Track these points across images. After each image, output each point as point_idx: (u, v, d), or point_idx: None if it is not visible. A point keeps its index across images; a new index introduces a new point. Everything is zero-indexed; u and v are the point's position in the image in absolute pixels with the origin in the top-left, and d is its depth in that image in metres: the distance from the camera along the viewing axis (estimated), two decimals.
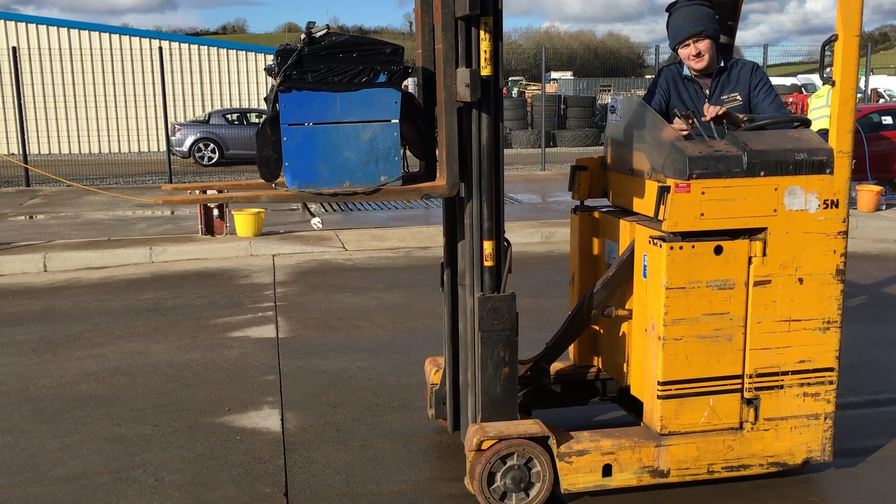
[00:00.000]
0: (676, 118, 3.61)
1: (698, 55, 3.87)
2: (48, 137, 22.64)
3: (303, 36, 3.22)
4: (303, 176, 3.30)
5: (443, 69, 3.28)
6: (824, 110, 9.80)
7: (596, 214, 4.08)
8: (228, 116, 20.36)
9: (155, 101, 20.42)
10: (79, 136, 23.05)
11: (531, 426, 3.42)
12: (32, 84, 22.19)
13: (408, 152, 3.64)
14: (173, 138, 18.86)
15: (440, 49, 3.30)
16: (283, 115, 3.25)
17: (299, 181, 3.30)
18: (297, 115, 3.25)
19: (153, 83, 21.47)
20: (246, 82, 24.92)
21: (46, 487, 3.70)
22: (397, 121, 3.35)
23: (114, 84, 23.43)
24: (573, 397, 4.22)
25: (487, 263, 3.39)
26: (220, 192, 8.41)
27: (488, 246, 3.38)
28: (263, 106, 23.34)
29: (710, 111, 3.66)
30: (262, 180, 3.52)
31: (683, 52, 3.92)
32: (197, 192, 7.94)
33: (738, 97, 3.72)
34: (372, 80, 3.28)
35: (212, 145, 19.45)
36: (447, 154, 3.33)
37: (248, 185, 3.67)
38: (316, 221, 3.26)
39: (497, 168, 3.36)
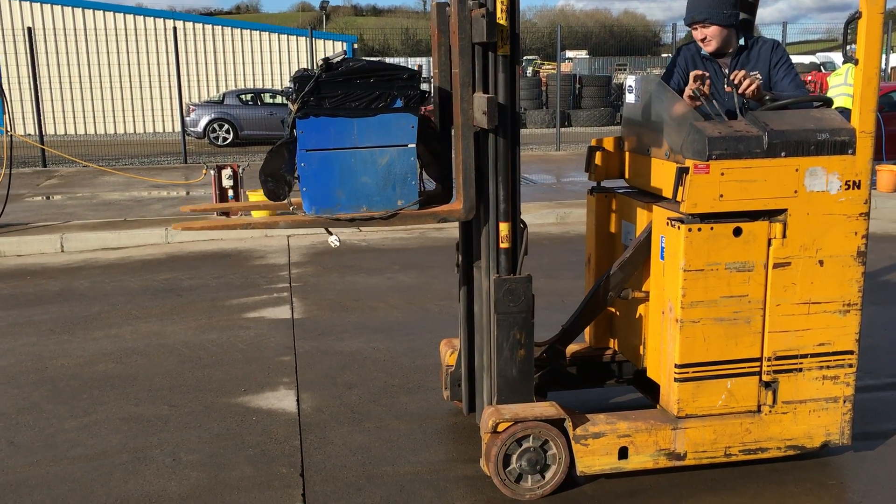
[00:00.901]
0: (691, 80, 3.58)
1: (704, 40, 3.85)
2: (63, 118, 22.72)
3: (320, 62, 3.24)
4: (320, 201, 3.33)
5: (460, 94, 3.28)
6: (842, 88, 9.66)
7: (613, 196, 4.04)
8: (242, 97, 20.33)
9: (169, 81, 20.42)
10: (94, 117, 23.11)
11: (547, 408, 3.41)
12: (48, 65, 22.23)
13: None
14: (188, 119, 18.86)
15: (457, 73, 3.30)
16: (300, 140, 3.27)
17: (317, 206, 3.33)
18: (314, 141, 3.27)
19: (167, 63, 21.46)
20: (260, 62, 24.86)
21: (65, 467, 3.74)
22: (414, 145, 3.37)
23: (128, 64, 23.46)
24: (589, 379, 4.20)
25: (503, 245, 3.37)
26: (226, 214, 8.43)
27: (504, 227, 3.35)
28: (277, 86, 23.35)
29: (740, 76, 3.59)
30: (279, 200, 3.54)
31: (694, 35, 3.90)
32: (215, 213, 7.97)
33: (759, 76, 3.67)
34: (389, 106, 3.29)
35: (226, 126, 19.45)
36: (464, 178, 3.34)
37: (267, 205, 3.71)
38: (333, 239, 3.33)
39: (513, 149, 3.34)
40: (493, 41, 3.20)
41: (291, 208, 3.52)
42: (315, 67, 3.28)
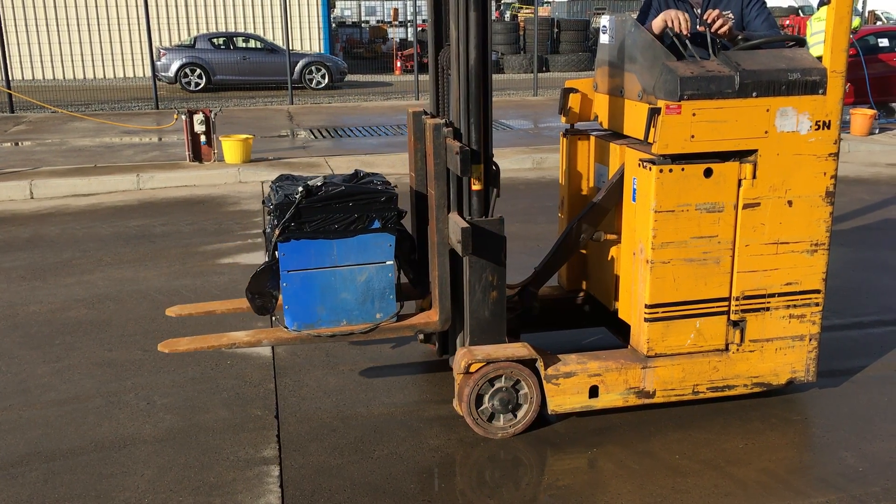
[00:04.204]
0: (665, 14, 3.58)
1: None
2: (31, 63, 22.14)
3: (300, 188, 3.38)
4: (302, 317, 3.49)
5: (435, 214, 3.42)
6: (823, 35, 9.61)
7: (586, 138, 4.03)
8: (214, 40, 19.89)
9: (139, 24, 19.93)
10: (62, 62, 22.55)
11: (519, 349, 3.44)
12: (13, 7, 21.61)
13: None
14: (158, 63, 18.46)
15: (433, 194, 3.43)
16: (282, 262, 3.43)
17: (299, 322, 3.50)
18: (295, 262, 3.43)
19: (136, 5, 20.92)
20: (232, 4, 24.30)
21: (39, 411, 3.73)
22: (392, 262, 3.52)
23: (97, 6, 22.83)
24: (561, 321, 4.25)
25: (475, 187, 3.36)
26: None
27: (476, 170, 3.34)
28: (249, 29, 22.84)
29: (713, 15, 3.57)
30: (267, 314, 3.68)
31: None
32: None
33: (731, 15, 3.64)
34: (367, 227, 3.44)
35: (198, 70, 19.05)
36: (440, 292, 3.51)
37: (250, 309, 3.79)
38: None
39: (485, 92, 3.30)
40: (469, 176, 3.28)
41: (274, 318, 3.67)
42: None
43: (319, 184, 3.44)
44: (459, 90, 3.29)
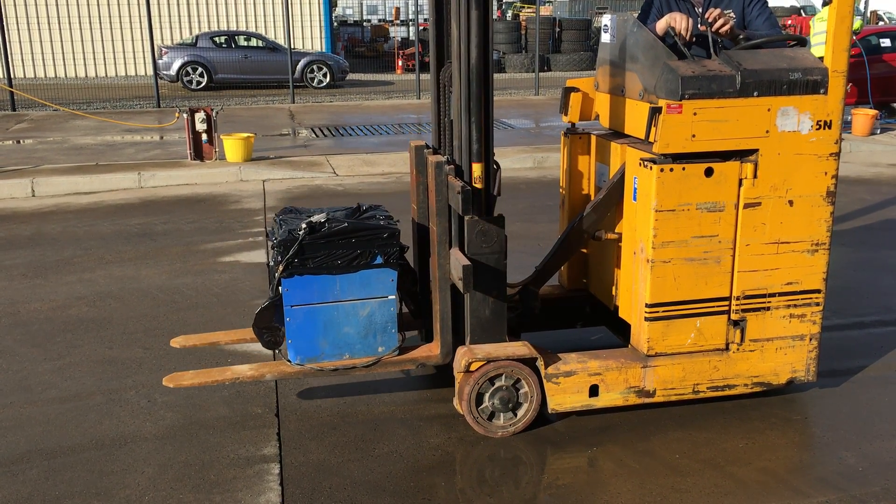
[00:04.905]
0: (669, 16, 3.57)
1: None
2: (33, 61, 22.15)
3: (304, 225, 3.43)
4: (305, 351, 3.54)
5: (437, 250, 3.44)
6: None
7: (587, 137, 4.03)
8: (216, 39, 19.89)
9: (141, 22, 19.91)
10: (64, 60, 22.56)
11: (519, 348, 3.45)
12: (15, 5, 21.61)
13: None
14: (160, 62, 18.45)
15: (434, 230, 3.45)
16: (285, 297, 3.46)
17: (301, 356, 3.54)
18: (298, 298, 3.47)
19: (138, 4, 20.91)
20: (234, 3, 24.30)
21: (39, 408, 3.74)
22: (394, 297, 3.57)
23: (98, 5, 22.84)
24: (562, 320, 4.25)
25: (476, 186, 3.36)
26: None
27: (477, 168, 3.34)
28: (251, 28, 22.83)
29: (714, 14, 3.56)
30: (278, 348, 3.70)
31: None
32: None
33: (733, 14, 3.64)
34: (370, 262, 3.47)
35: (200, 69, 19.04)
36: (441, 326, 3.53)
37: (253, 339, 3.80)
38: None
39: (486, 90, 3.30)
40: (470, 215, 3.30)
41: (277, 350, 3.69)
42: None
43: (323, 220, 3.47)
44: (461, 89, 3.29)
